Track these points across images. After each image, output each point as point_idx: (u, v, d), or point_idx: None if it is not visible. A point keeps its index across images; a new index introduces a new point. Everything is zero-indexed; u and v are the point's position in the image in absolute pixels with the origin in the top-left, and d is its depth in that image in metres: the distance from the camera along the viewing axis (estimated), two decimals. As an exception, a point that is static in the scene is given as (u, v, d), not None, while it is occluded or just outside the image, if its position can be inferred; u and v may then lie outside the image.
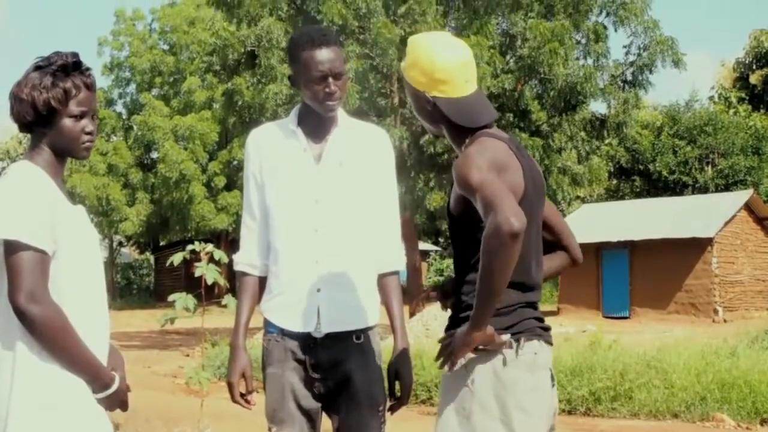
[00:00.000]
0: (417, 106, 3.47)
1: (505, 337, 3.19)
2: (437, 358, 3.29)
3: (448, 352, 3.22)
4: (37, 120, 3.17)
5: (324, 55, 3.75)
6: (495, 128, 3.42)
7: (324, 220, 3.83)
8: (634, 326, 28.51)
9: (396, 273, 4.04)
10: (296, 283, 3.82)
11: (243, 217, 4.03)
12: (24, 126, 3.23)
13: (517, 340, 3.22)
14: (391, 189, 4.03)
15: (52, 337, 2.99)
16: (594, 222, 33.17)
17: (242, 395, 3.89)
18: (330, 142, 3.90)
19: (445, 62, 3.35)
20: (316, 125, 3.91)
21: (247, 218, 3.99)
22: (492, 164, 3.14)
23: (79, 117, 3.20)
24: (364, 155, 3.94)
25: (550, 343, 3.38)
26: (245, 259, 3.97)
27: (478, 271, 2.99)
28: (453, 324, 3.32)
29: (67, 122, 3.18)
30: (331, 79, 3.76)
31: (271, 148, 3.92)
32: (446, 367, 3.28)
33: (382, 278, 3.99)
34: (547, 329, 3.37)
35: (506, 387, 3.20)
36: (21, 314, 2.96)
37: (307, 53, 3.75)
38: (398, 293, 4.02)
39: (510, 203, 2.93)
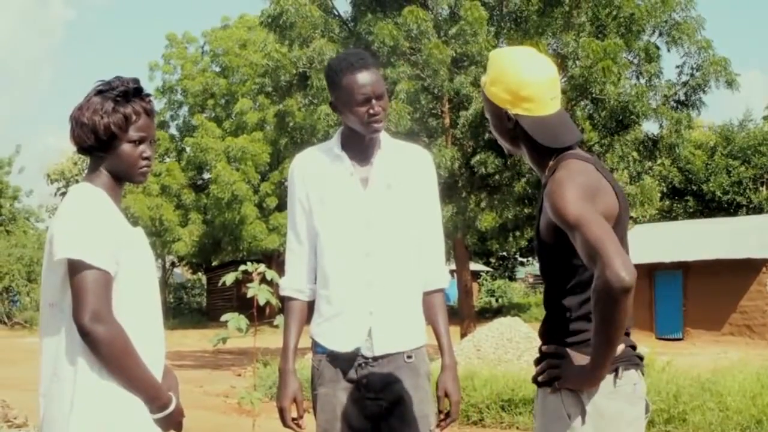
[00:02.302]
0: (496, 124, 3.32)
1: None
2: (537, 369, 3.23)
3: (554, 373, 3.15)
4: (97, 144, 3.22)
5: (365, 77, 3.78)
6: (578, 149, 3.28)
7: (375, 245, 3.86)
8: (687, 348, 28.20)
9: (441, 291, 4.06)
10: (349, 307, 3.86)
11: (288, 242, 4.04)
12: (83, 149, 3.27)
13: (615, 370, 3.10)
14: (435, 209, 4.06)
15: (115, 357, 3.03)
16: (647, 243, 32.88)
17: (293, 419, 3.92)
18: (375, 165, 3.93)
19: (532, 79, 3.19)
20: (360, 148, 3.94)
21: (293, 243, 4.01)
22: (585, 191, 3.00)
23: (138, 142, 3.25)
24: (409, 176, 3.97)
25: (644, 373, 3.27)
26: (292, 285, 4.00)
27: (593, 322, 2.90)
28: (553, 338, 3.24)
29: (126, 147, 3.23)
30: (374, 101, 3.79)
31: (318, 174, 3.94)
32: (539, 389, 3.24)
33: (427, 296, 4.02)
34: (642, 358, 3.26)
35: (608, 421, 3.08)
36: (85, 333, 3.00)
37: (347, 78, 3.78)
38: (444, 311, 4.04)
39: (617, 253, 2.78)
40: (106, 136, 3.20)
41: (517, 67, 3.21)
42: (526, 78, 3.19)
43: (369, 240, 3.86)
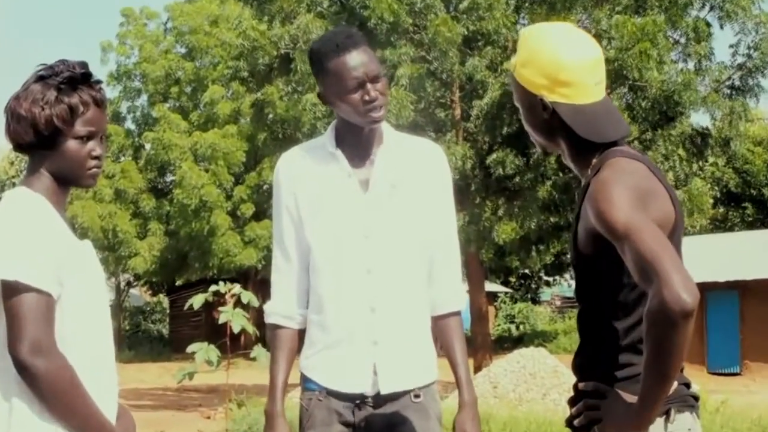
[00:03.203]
0: (528, 115, 3.31)
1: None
2: (572, 411, 3.18)
3: (593, 415, 3.11)
4: (38, 141, 3.19)
5: (355, 58, 3.76)
6: (626, 145, 3.25)
7: (378, 259, 3.84)
8: (746, 384, 28.21)
9: (457, 314, 4.04)
10: (348, 336, 3.83)
11: (274, 258, 4.03)
12: (21, 147, 3.25)
13: (666, 412, 3.04)
14: (449, 214, 4.04)
15: (59, 395, 3.01)
16: (697, 259, 32.75)
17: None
18: (377, 164, 3.90)
19: (573, 59, 3.17)
20: (358, 144, 3.92)
21: (279, 260, 4.00)
22: (636, 194, 2.95)
23: (86, 138, 3.22)
24: (417, 176, 3.95)
25: (699, 416, 3.20)
26: (280, 310, 3.98)
27: (644, 352, 2.83)
28: (591, 373, 3.20)
29: (72, 144, 3.21)
30: (369, 85, 3.76)
31: (308, 175, 3.92)
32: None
33: (440, 320, 4.00)
34: (697, 398, 3.20)
35: None
36: (23, 368, 2.98)
37: (334, 61, 3.77)
38: (461, 338, 4.02)
39: (677, 269, 2.73)
40: (48, 131, 3.18)
41: (554, 45, 3.20)
42: (565, 58, 3.17)
43: (370, 254, 3.84)
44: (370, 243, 3.84)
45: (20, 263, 3.02)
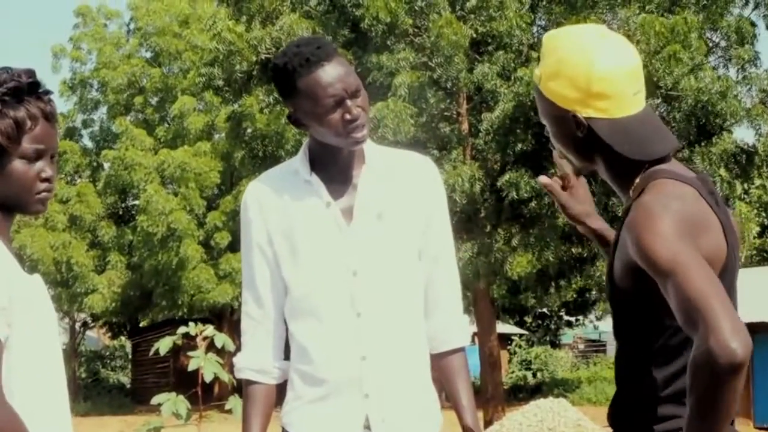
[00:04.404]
0: (559, 132, 3.30)
1: None
2: None
3: None
4: (-22, 160, 3.20)
5: (330, 72, 3.68)
6: (673, 162, 3.22)
7: (367, 300, 3.80)
8: (799, 441, 28.20)
9: (461, 350, 4.03)
10: (336, 387, 3.80)
11: (245, 304, 3.98)
12: (-41, 168, 3.25)
13: None
14: (447, 239, 4.02)
15: (7, 453, 3.00)
16: (740, 296, 32.70)
17: None
18: (361, 189, 3.86)
19: (608, 67, 3.15)
20: (336, 168, 3.88)
21: (251, 306, 3.95)
22: (684, 224, 2.92)
23: (34, 158, 3.22)
24: (407, 198, 3.91)
25: None
26: (253, 363, 3.94)
27: (687, 408, 2.79)
28: (625, 426, 3.20)
29: (18, 165, 3.20)
30: (348, 102, 3.70)
31: (281, 208, 3.88)
32: None
33: (442, 359, 4.00)
34: None
35: None
36: (-34, 422, 2.97)
37: (306, 79, 3.69)
38: (466, 379, 4.00)
39: (727, 315, 2.68)
40: (-9, 150, 3.18)
41: (586, 52, 3.18)
42: (599, 67, 3.15)
43: (359, 294, 3.80)
44: (359, 282, 3.80)
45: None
